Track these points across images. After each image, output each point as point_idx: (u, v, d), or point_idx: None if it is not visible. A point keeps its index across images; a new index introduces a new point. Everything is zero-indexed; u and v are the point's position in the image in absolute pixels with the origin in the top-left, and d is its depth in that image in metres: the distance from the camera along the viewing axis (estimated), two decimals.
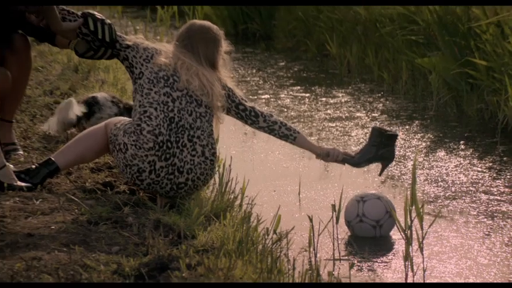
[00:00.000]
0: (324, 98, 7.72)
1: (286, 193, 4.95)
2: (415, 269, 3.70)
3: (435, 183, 5.17)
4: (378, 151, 4.23)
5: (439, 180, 5.25)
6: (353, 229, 4.23)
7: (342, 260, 3.95)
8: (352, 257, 4.02)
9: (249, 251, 3.45)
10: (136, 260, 3.22)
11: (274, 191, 4.98)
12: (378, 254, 4.04)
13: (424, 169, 5.47)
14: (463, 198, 4.90)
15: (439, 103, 7.27)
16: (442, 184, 5.16)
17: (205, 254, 3.34)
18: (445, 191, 5.02)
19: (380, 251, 4.08)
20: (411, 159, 5.62)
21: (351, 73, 8.85)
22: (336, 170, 5.21)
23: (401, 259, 3.84)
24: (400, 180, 5.25)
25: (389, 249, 4.12)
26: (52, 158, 4.15)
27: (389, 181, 5.21)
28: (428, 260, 3.87)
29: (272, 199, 4.79)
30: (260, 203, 4.38)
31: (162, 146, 3.97)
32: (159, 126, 3.98)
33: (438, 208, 4.69)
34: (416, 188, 3.66)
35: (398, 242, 4.17)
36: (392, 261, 3.98)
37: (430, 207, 4.68)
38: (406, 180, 5.21)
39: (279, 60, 9.86)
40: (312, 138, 6.28)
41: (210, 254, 3.34)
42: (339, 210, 3.95)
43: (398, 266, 3.89)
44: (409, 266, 3.67)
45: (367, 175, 5.24)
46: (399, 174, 5.35)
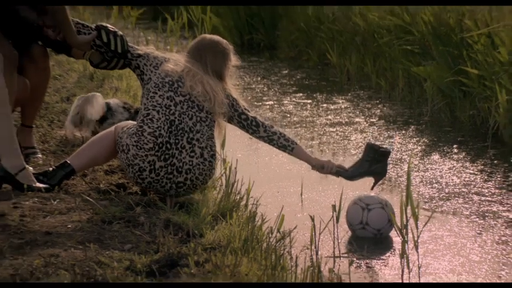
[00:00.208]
0: (325, 104, 7.71)
1: (289, 194, 4.94)
2: (411, 266, 3.69)
3: (430, 185, 5.16)
4: (371, 166, 4.21)
5: (434, 182, 5.23)
6: (355, 232, 4.21)
7: (341, 258, 3.94)
8: (351, 254, 4.01)
9: (254, 249, 3.45)
10: (148, 257, 3.22)
11: (278, 192, 4.98)
12: (375, 251, 4.03)
13: (419, 171, 5.45)
14: (456, 199, 4.89)
15: (434, 109, 7.25)
16: (436, 186, 5.15)
17: (212, 251, 3.33)
18: (439, 192, 5.00)
19: (378, 249, 4.07)
20: (407, 162, 5.61)
21: (350, 81, 8.84)
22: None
23: (397, 257, 3.84)
24: (396, 181, 5.24)
25: (386, 247, 4.11)
26: (68, 161, 4.15)
27: (387, 183, 5.19)
28: (423, 258, 3.86)
29: (276, 200, 4.78)
30: (264, 204, 4.38)
31: (161, 147, 3.98)
32: (160, 128, 3.99)
33: (433, 208, 4.68)
34: (411, 189, 3.65)
35: (395, 240, 4.16)
36: (389, 258, 3.97)
37: (425, 208, 4.67)
38: (402, 181, 5.19)
39: (282, 68, 9.86)
40: (314, 142, 6.28)
41: (217, 251, 3.33)
42: (339, 211, 3.94)
43: (395, 263, 3.88)
44: (405, 263, 3.66)
45: (366, 177, 5.21)
46: (396, 176, 5.34)
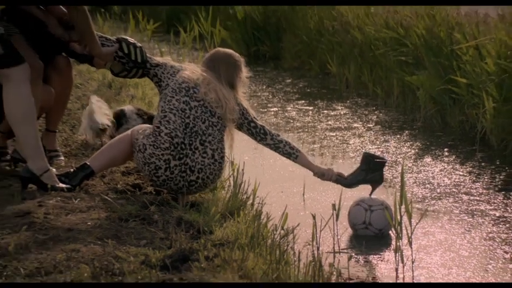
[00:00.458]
0: (326, 111, 7.70)
1: (292, 194, 4.93)
2: (405, 260, 3.68)
3: (422, 185, 5.15)
4: (368, 175, 4.21)
5: (426, 182, 5.22)
6: (357, 231, 4.21)
7: (341, 253, 3.93)
8: (350, 250, 4.01)
9: (260, 245, 3.44)
10: (162, 252, 3.21)
11: (282, 192, 4.97)
12: (372, 247, 4.02)
13: (412, 173, 5.44)
14: (447, 198, 4.88)
15: (426, 115, 7.24)
16: (429, 186, 5.14)
17: (221, 247, 3.33)
18: (431, 192, 4.99)
19: (374, 245, 4.06)
20: (401, 164, 5.59)
21: (349, 89, 8.83)
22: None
23: (392, 252, 3.83)
24: (391, 182, 5.23)
25: (382, 244, 4.10)
26: (88, 163, 4.16)
27: (383, 183, 5.17)
28: (416, 253, 3.85)
29: (280, 199, 4.77)
30: (269, 203, 4.37)
31: (176, 147, 3.99)
32: (176, 129, 4.00)
33: (425, 207, 4.67)
34: (405, 190, 3.64)
35: (390, 237, 4.15)
36: (385, 253, 3.97)
37: (418, 207, 4.66)
38: (396, 182, 5.19)
39: (286, 77, 9.85)
40: (315, 146, 6.27)
41: (225, 247, 3.33)
42: (338, 209, 3.93)
43: (391, 258, 3.88)
44: (400, 258, 3.66)
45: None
46: (391, 178, 5.33)
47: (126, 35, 4.39)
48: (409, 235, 3.66)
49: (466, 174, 5.41)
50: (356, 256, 3.91)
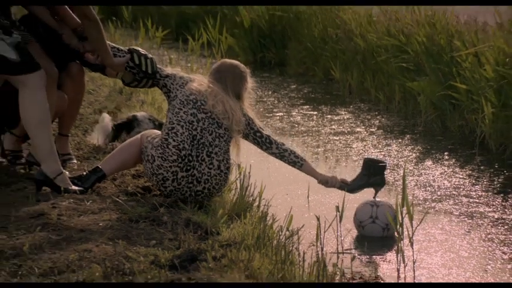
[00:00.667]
0: (329, 116, 7.70)
1: (297, 196, 4.93)
2: (406, 260, 3.68)
3: (423, 188, 5.14)
4: (369, 179, 4.23)
5: (427, 185, 5.21)
6: (364, 229, 4.18)
7: (344, 254, 3.93)
8: (353, 250, 4.00)
9: (266, 246, 3.44)
10: (170, 253, 3.21)
11: (287, 194, 4.97)
12: (375, 248, 4.02)
13: (414, 176, 5.43)
14: (447, 200, 4.87)
15: (427, 120, 7.23)
16: (429, 189, 5.13)
17: (228, 247, 3.33)
18: (432, 195, 4.98)
19: (377, 246, 4.05)
20: (403, 168, 5.59)
21: (352, 94, 8.82)
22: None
23: (394, 252, 3.82)
24: (393, 185, 5.22)
25: (384, 244, 4.09)
26: (99, 166, 4.16)
27: (385, 186, 5.16)
28: (417, 253, 3.84)
29: (285, 201, 4.77)
30: (275, 205, 4.37)
31: (184, 159, 3.98)
32: (183, 142, 3.99)
33: (426, 209, 4.66)
34: (407, 192, 3.64)
35: (392, 238, 4.14)
36: (387, 254, 3.96)
37: (419, 208, 4.65)
38: (398, 185, 5.18)
39: (291, 83, 9.85)
40: (319, 150, 6.27)
41: (232, 247, 3.32)
42: (342, 211, 3.93)
43: (392, 258, 3.87)
44: (401, 258, 3.65)
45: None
46: (393, 181, 5.32)
47: (137, 42, 4.40)
48: (411, 236, 3.65)
49: (465, 177, 5.40)
50: (359, 256, 3.90)
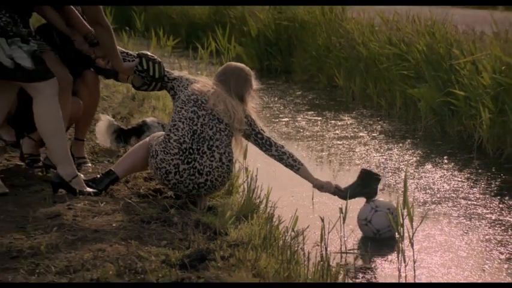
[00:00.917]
0: (333, 121, 7.69)
1: (302, 198, 4.93)
2: (407, 260, 3.67)
3: (423, 191, 5.13)
4: (363, 189, 4.20)
5: (427, 188, 5.21)
6: (359, 227, 4.20)
7: (348, 253, 3.92)
8: (356, 250, 4.00)
9: (272, 246, 3.44)
10: (181, 252, 3.22)
11: (292, 196, 4.97)
12: (377, 248, 4.01)
13: (414, 179, 5.43)
14: (446, 202, 4.86)
15: (427, 125, 7.22)
16: (429, 191, 5.12)
17: (236, 247, 3.33)
18: (432, 197, 4.98)
19: (379, 246, 4.05)
20: (404, 171, 5.59)
21: (355, 101, 8.82)
22: (343, 180, 5.18)
23: (395, 253, 3.82)
24: (394, 188, 5.22)
25: (386, 245, 4.09)
26: (112, 169, 4.17)
27: (386, 189, 5.17)
28: (418, 254, 3.84)
29: (291, 203, 4.77)
30: (281, 206, 4.37)
31: (185, 152, 3.99)
32: (184, 136, 4.00)
33: (426, 211, 4.65)
34: (408, 194, 3.63)
35: (393, 238, 4.14)
36: (388, 254, 3.95)
37: (419, 210, 4.64)
38: (399, 188, 5.17)
39: (296, 90, 9.85)
40: (323, 154, 6.27)
41: (240, 247, 3.33)
42: (345, 212, 3.93)
43: (393, 258, 3.86)
44: (402, 258, 3.65)
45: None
46: (394, 183, 5.31)
47: (149, 51, 4.40)
48: (411, 237, 3.65)
49: (464, 180, 5.39)
50: (362, 256, 3.90)
